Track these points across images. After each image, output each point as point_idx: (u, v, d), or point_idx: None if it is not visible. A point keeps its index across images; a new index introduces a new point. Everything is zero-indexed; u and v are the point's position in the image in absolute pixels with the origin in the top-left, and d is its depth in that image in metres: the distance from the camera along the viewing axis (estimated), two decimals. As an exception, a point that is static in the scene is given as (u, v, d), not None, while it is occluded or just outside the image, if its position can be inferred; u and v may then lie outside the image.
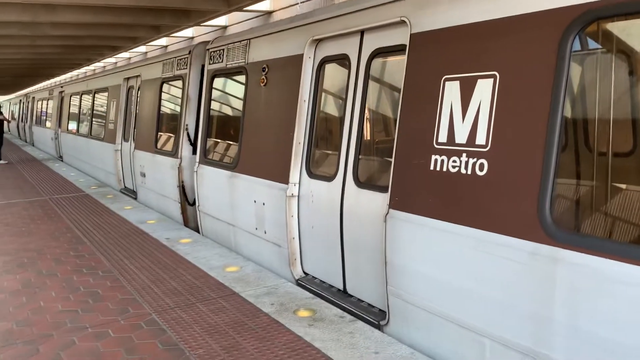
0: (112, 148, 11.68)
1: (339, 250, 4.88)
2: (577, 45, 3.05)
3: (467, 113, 3.54)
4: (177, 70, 8.45)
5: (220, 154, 7.12)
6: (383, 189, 4.34)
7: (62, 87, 18.79)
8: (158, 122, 9.15)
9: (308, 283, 5.28)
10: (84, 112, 14.95)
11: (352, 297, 4.84)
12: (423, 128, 3.86)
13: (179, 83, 8.37)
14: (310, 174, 5.27)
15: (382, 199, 4.33)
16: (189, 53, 8.07)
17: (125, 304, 4.84)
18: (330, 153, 5.12)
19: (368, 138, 4.70)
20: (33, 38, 14.27)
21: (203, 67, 7.88)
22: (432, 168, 3.75)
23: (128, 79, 11.23)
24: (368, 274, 4.56)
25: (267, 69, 6.00)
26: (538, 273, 3.04)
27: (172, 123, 8.71)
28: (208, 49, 7.58)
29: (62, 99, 18.31)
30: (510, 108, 3.28)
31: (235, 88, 6.88)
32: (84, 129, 14.63)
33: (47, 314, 4.66)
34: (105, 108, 12.62)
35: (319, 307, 4.61)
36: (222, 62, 7.08)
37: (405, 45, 4.18)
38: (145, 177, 9.65)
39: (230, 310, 4.61)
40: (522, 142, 3.20)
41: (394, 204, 4.04)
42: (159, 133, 9.14)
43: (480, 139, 3.43)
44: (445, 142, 3.67)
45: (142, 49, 20.47)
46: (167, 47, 18.49)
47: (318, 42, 5.32)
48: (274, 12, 11.57)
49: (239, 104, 6.67)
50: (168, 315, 4.54)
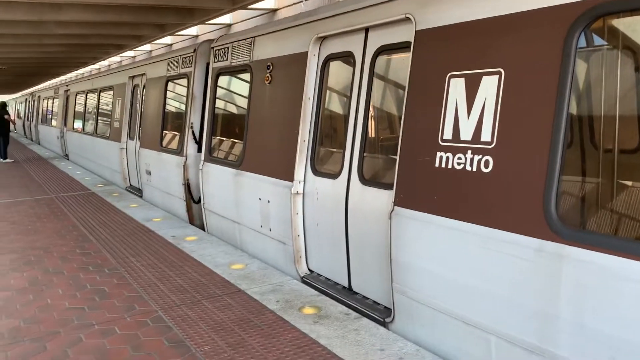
0: (117, 146, 11.72)
1: (344, 248, 4.89)
2: (582, 42, 3.04)
3: (472, 110, 3.53)
4: (182, 69, 8.47)
5: (225, 152, 7.14)
6: (388, 187, 4.34)
7: (67, 85, 18.86)
8: (163, 120, 9.18)
9: (313, 280, 5.29)
10: (90, 110, 15.00)
11: (357, 294, 4.85)
12: (428, 125, 3.86)
13: (184, 81, 8.38)
14: (315, 172, 5.28)
15: (387, 196, 4.33)
16: (194, 51, 8.08)
17: (132, 302, 4.86)
18: (335, 150, 5.13)
19: (373, 135, 4.70)
20: (39, 37, 14.32)
21: (208, 65, 7.90)
22: (437, 165, 3.75)
23: (133, 78, 11.26)
24: (373, 271, 4.57)
25: (271, 67, 6.00)
26: (544, 270, 3.03)
27: (177, 121, 8.73)
28: (213, 47, 7.59)
29: (67, 98, 18.38)
30: (516, 105, 3.27)
31: (240, 86, 6.89)
32: (90, 128, 14.68)
33: (54, 312, 4.69)
34: (111, 106, 12.66)
35: (324, 304, 4.62)
36: (226, 60, 7.09)
37: (410, 43, 4.17)
38: (151, 175, 9.68)
39: (236, 308, 4.63)
40: (527, 138, 3.19)
41: (399, 201, 4.04)
42: (164, 131, 9.16)
43: (486, 136, 3.43)
44: (451, 139, 3.67)
45: (147, 48, 20.51)
46: (171, 45, 18.52)
47: (322, 39, 5.32)
48: (279, 10, 11.57)
49: (244, 102, 6.68)
50: (174, 313, 4.56)
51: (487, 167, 3.40)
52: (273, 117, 5.91)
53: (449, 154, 3.66)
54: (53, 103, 21.53)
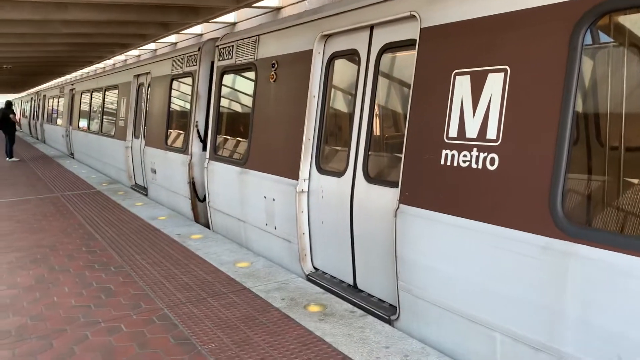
0: (122, 145, 11.75)
1: (349, 246, 4.89)
2: (588, 39, 3.03)
3: (477, 107, 3.53)
4: (186, 67, 8.48)
5: (230, 151, 7.15)
6: (393, 184, 4.34)
7: (72, 84, 18.92)
8: (168, 118, 9.20)
9: (318, 278, 5.29)
10: (95, 109, 15.05)
11: (362, 292, 4.85)
12: (433, 123, 3.86)
13: (189, 80, 8.40)
14: (320, 170, 5.28)
15: (392, 194, 4.33)
16: (199, 50, 8.09)
17: (137, 299, 4.88)
18: (340, 148, 5.13)
19: (378, 133, 4.70)
20: (44, 36, 14.36)
21: (212, 63, 7.91)
22: (442, 163, 3.75)
23: (138, 76, 11.29)
24: (378, 269, 4.57)
25: (276, 65, 6.00)
26: (549, 267, 3.03)
27: (182, 120, 8.74)
28: (217, 46, 7.60)
29: (72, 97, 18.44)
30: (521, 102, 3.26)
31: (245, 84, 6.90)
32: (95, 126, 14.73)
33: (60, 309, 4.72)
34: (116, 105, 12.69)
35: (330, 302, 4.63)
36: (231, 58, 7.10)
37: (415, 40, 4.17)
38: (156, 173, 9.70)
39: (241, 305, 4.64)
40: (533, 136, 3.18)
41: (405, 199, 4.04)
42: (169, 130, 9.18)
43: (491, 134, 3.42)
44: (456, 136, 3.66)
45: (151, 47, 20.55)
46: (176, 44, 18.55)
47: (327, 37, 5.31)
48: (283, 8, 11.56)
49: (249, 101, 6.68)
50: (180, 310, 4.58)
51: (492, 164, 3.40)
52: (278, 115, 5.91)
53: (455, 152, 3.65)
54: (58, 102, 21.61)
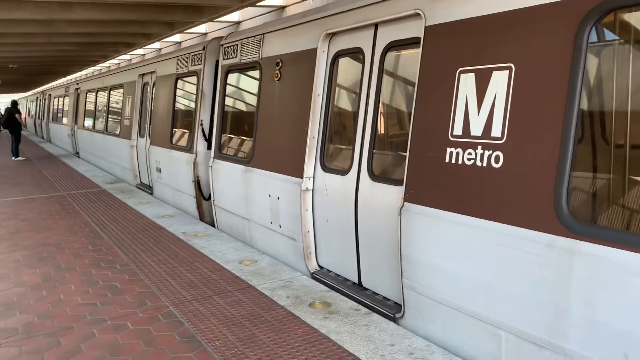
0: (127, 144, 11.79)
1: (354, 244, 4.90)
2: (593, 37, 3.02)
3: (482, 105, 3.53)
4: (191, 66, 8.50)
5: (235, 149, 7.16)
6: (398, 182, 4.34)
7: (77, 84, 18.99)
8: (173, 117, 9.22)
9: (323, 276, 5.30)
10: (100, 108, 15.10)
11: (367, 290, 4.86)
12: (438, 121, 3.86)
13: (194, 79, 8.42)
14: (325, 168, 5.29)
15: (396, 192, 4.33)
16: (203, 49, 8.11)
17: (143, 297, 4.90)
18: (345, 147, 5.13)
19: (382, 131, 4.70)
20: (49, 35, 14.42)
21: (217, 62, 7.92)
22: (447, 161, 3.75)
23: (143, 75, 11.32)
24: (383, 267, 4.57)
25: (280, 64, 6.01)
26: (554, 265, 3.03)
27: (187, 119, 8.77)
28: (222, 45, 7.61)
29: (78, 96, 18.51)
30: (526, 100, 3.26)
31: (249, 83, 6.91)
32: (100, 126, 14.78)
33: (66, 307, 4.75)
34: (121, 104, 12.73)
35: (334, 300, 4.64)
36: (236, 57, 7.12)
37: (420, 38, 4.17)
38: (161, 172, 9.73)
39: (247, 303, 4.66)
40: (538, 134, 3.18)
41: (409, 197, 4.05)
42: (174, 129, 9.21)
43: (496, 131, 3.42)
44: (461, 134, 3.66)
45: (156, 46, 20.60)
46: (180, 43, 18.59)
47: (332, 36, 5.32)
48: (287, 6, 11.57)
49: (253, 99, 6.70)
50: (185, 308, 4.60)
51: (497, 162, 3.40)
52: (282, 113, 5.93)
53: (459, 150, 3.66)
54: (64, 101, 21.69)
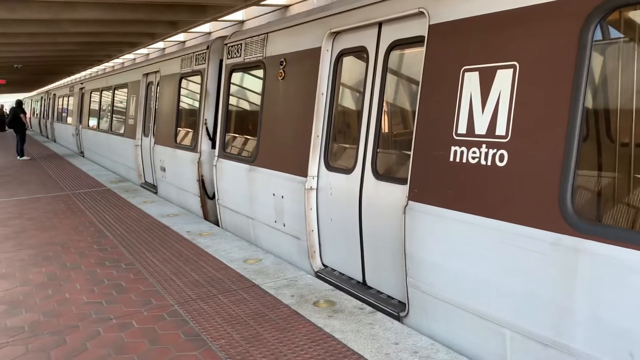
0: (132, 143, 11.82)
1: (358, 243, 4.90)
2: (598, 35, 3.01)
3: (486, 104, 3.52)
4: (195, 66, 8.52)
5: (239, 148, 7.17)
6: (402, 181, 4.34)
7: (82, 83, 19.04)
8: (177, 117, 9.24)
9: (327, 275, 5.31)
10: (104, 108, 15.14)
11: (371, 289, 4.86)
12: (442, 119, 3.85)
13: (198, 78, 8.43)
14: (329, 167, 5.29)
15: (401, 191, 4.33)
16: (207, 48, 8.12)
17: (148, 296, 4.92)
18: (349, 146, 5.13)
19: (386, 130, 4.70)
20: (53, 35, 14.47)
21: (221, 62, 7.94)
22: (451, 159, 3.75)
23: (147, 75, 11.35)
24: (387, 266, 4.58)
25: (284, 63, 6.02)
26: (559, 263, 3.02)
27: (191, 118, 8.78)
28: (226, 44, 7.62)
29: (82, 96, 18.56)
30: (531, 98, 3.26)
31: (254, 82, 6.92)
32: (104, 125, 14.82)
33: (72, 306, 4.77)
34: (125, 104, 12.77)
35: (339, 298, 4.64)
36: (240, 56, 7.12)
37: (424, 37, 4.17)
38: (165, 171, 9.75)
39: (251, 302, 4.67)
40: (542, 132, 3.18)
41: (413, 196, 4.05)
42: (179, 128, 9.23)
43: (500, 130, 3.42)
44: (465, 133, 3.66)
45: (160, 45, 20.64)
46: (184, 42, 18.62)
47: (335, 34, 5.32)
48: (291, 5, 11.57)
49: (257, 98, 6.70)
50: (190, 307, 4.61)
51: (501, 161, 3.39)
52: (286, 112, 5.93)
53: (464, 148, 3.65)
54: (68, 101, 21.75)
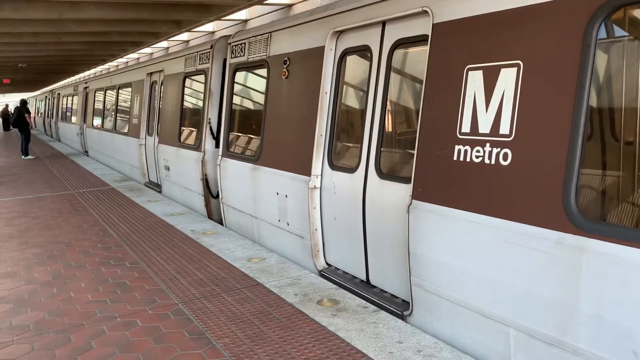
0: (136, 142, 11.85)
1: (362, 242, 4.91)
2: (603, 33, 3.01)
3: (490, 103, 3.52)
4: (199, 65, 8.53)
5: (243, 147, 7.19)
6: (406, 180, 4.34)
7: (86, 83, 19.09)
8: (181, 116, 9.26)
9: (331, 274, 5.31)
10: (108, 107, 15.17)
11: (375, 287, 4.87)
12: (446, 118, 3.85)
13: (202, 77, 8.45)
14: (332, 166, 5.30)
15: (404, 190, 4.33)
16: (211, 47, 8.14)
17: (152, 295, 4.94)
18: (352, 145, 5.14)
19: (390, 129, 4.70)
20: (58, 35, 14.53)
21: (225, 61, 7.95)
22: (455, 158, 3.75)
23: (151, 74, 11.37)
24: (391, 265, 4.58)
25: (288, 62, 6.02)
26: (563, 262, 3.02)
27: (195, 117, 8.80)
28: (230, 43, 7.63)
29: (86, 95, 18.61)
30: (535, 97, 3.25)
31: (257, 81, 6.93)
32: (109, 124, 14.86)
33: (77, 304, 4.79)
34: (129, 103, 12.80)
35: (342, 297, 4.65)
36: (243, 55, 7.13)
37: (427, 36, 4.16)
38: (169, 170, 9.78)
39: (255, 300, 4.68)
40: (546, 131, 3.17)
41: (417, 195, 4.05)
42: (182, 127, 9.25)
43: (504, 129, 3.42)
44: (469, 132, 3.66)
45: (164, 45, 20.69)
46: (188, 42, 18.64)
47: (339, 33, 5.32)
48: (294, 4, 11.58)
49: (261, 97, 6.71)
50: (194, 305, 4.63)
51: (505, 160, 3.39)
52: (290, 112, 5.94)
53: (468, 147, 3.65)
54: (72, 100, 21.82)
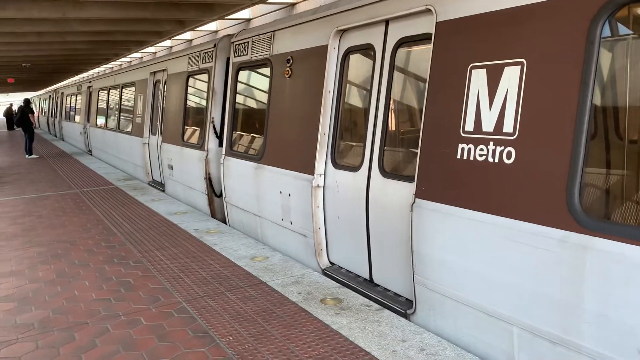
0: (140, 141, 11.87)
1: (365, 240, 4.91)
2: (607, 31, 3.00)
3: (494, 101, 3.52)
4: (202, 64, 8.54)
5: (246, 146, 7.19)
6: (409, 179, 4.34)
7: (90, 82, 19.13)
8: (184, 115, 9.28)
9: (334, 273, 5.32)
10: (112, 106, 15.21)
11: (378, 286, 4.87)
12: (449, 117, 3.85)
13: (205, 76, 8.46)
14: (336, 165, 5.30)
15: (408, 189, 4.33)
16: (214, 46, 8.14)
17: (156, 293, 4.95)
18: (356, 144, 5.14)
19: (393, 128, 4.70)
20: (61, 34, 14.57)
21: (228, 60, 7.95)
22: (458, 157, 3.74)
23: (154, 73, 11.39)
24: (394, 264, 4.58)
25: (291, 61, 6.02)
26: (567, 261, 3.02)
27: (198, 116, 8.81)
28: (233, 42, 7.64)
29: (90, 94, 18.65)
30: (538, 95, 3.25)
31: (260, 80, 6.93)
32: (112, 123, 14.89)
33: (81, 303, 4.80)
34: (133, 102, 12.82)
35: (346, 296, 4.65)
36: (246, 54, 7.14)
37: (431, 34, 4.16)
38: (173, 169, 9.79)
39: (258, 299, 4.68)
40: (550, 129, 3.17)
41: (420, 193, 4.05)
42: (186, 126, 9.26)
43: (508, 127, 3.41)
44: (472, 130, 3.65)
45: (167, 44, 20.71)
46: (191, 41, 18.66)
47: (342, 32, 5.32)
48: (297, 3, 11.57)
49: (264, 96, 6.72)
50: (198, 304, 4.64)
51: (509, 158, 3.39)
52: (293, 110, 5.94)
53: (471, 146, 3.65)
54: (76, 99, 21.87)
